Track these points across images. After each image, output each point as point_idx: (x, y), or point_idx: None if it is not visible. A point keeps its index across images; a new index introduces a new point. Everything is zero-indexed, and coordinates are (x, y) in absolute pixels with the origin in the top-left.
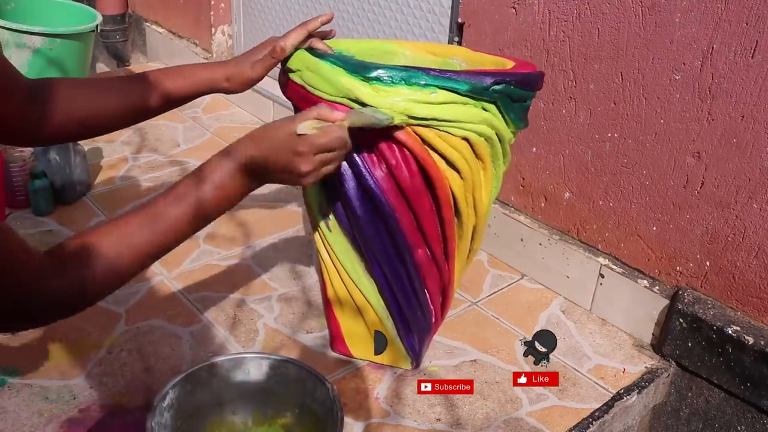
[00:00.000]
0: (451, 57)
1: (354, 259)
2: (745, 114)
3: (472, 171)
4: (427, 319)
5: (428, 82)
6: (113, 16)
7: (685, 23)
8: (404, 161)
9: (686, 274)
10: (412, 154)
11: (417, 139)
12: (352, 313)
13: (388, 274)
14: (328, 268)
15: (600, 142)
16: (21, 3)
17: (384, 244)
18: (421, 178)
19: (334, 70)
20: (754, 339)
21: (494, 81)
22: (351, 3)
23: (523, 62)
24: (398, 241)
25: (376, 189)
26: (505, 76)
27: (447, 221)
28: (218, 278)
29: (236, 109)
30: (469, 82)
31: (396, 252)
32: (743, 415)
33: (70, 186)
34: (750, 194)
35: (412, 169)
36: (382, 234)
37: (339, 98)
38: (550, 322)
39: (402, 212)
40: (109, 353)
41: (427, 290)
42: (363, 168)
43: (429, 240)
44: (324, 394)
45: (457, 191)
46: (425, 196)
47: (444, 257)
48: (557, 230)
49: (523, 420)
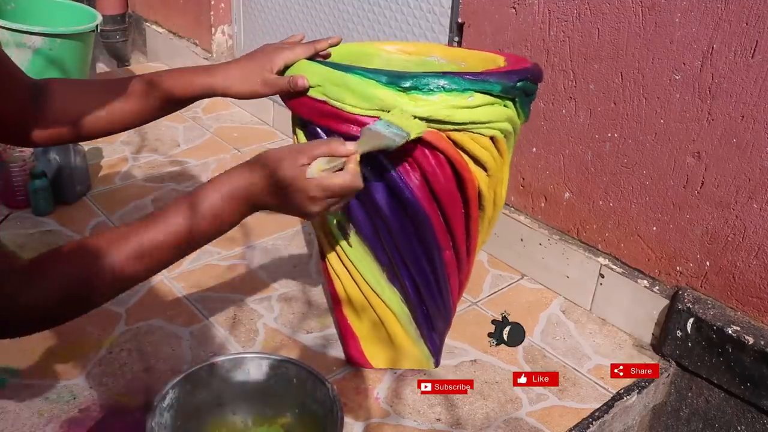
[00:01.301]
0: (428, 55)
1: (376, 271)
2: (745, 114)
3: (497, 166)
4: (449, 315)
5: (466, 87)
6: (113, 16)
7: (685, 23)
8: (439, 167)
9: (686, 274)
10: (447, 159)
11: (451, 144)
12: (372, 327)
13: (417, 278)
14: (346, 285)
15: (600, 142)
16: (21, 3)
17: (414, 250)
18: (454, 182)
19: (366, 83)
20: (754, 339)
21: (518, 78)
22: (351, 3)
23: (515, 57)
24: (429, 245)
25: (412, 198)
26: (525, 73)
27: (473, 219)
28: (218, 278)
29: (236, 109)
30: (500, 83)
31: (426, 255)
32: (743, 415)
33: (70, 186)
34: (750, 194)
35: (447, 174)
36: (413, 240)
37: (373, 111)
38: (550, 322)
39: (434, 216)
40: (109, 353)
41: (450, 288)
42: (399, 180)
43: (456, 240)
44: (324, 394)
45: (484, 188)
46: (457, 198)
47: (467, 255)
48: (557, 230)
49: (523, 420)
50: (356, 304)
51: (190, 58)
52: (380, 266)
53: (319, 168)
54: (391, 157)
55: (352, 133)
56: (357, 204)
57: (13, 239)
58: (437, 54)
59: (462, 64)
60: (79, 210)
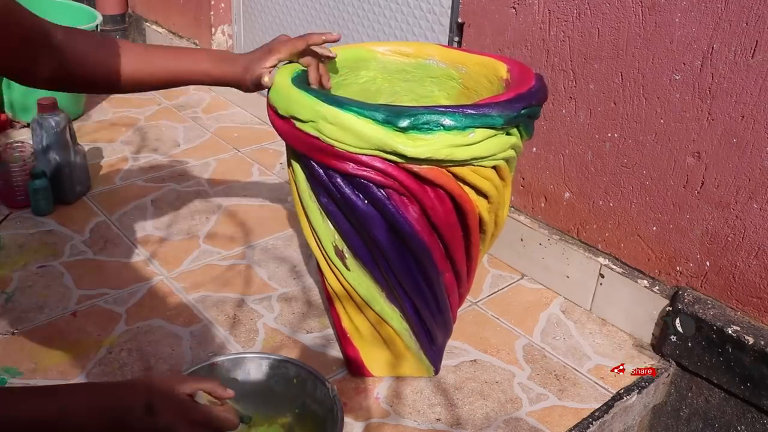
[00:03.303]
0: (426, 58)
1: (375, 292)
2: (745, 114)
3: (498, 194)
4: (449, 328)
5: (467, 125)
6: (113, 16)
7: (685, 23)
8: (438, 201)
9: (686, 274)
10: (447, 193)
11: (452, 177)
12: (375, 342)
13: (415, 300)
14: (345, 305)
15: (600, 142)
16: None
17: (413, 276)
18: (455, 214)
19: (361, 122)
20: (754, 339)
21: (523, 106)
22: (351, 3)
23: (518, 66)
24: (428, 271)
25: (411, 231)
26: (530, 98)
27: (474, 244)
28: (218, 278)
29: (236, 109)
30: (503, 115)
31: (425, 280)
32: (743, 415)
33: (70, 186)
34: (750, 194)
35: (447, 207)
36: (412, 267)
37: (370, 151)
38: (550, 322)
39: (434, 246)
40: (109, 353)
41: (450, 304)
42: (397, 214)
43: (457, 264)
44: (324, 394)
45: (485, 215)
46: (457, 228)
47: (467, 275)
48: (557, 230)
49: (523, 420)
50: (359, 326)
51: None
52: (379, 287)
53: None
54: (389, 192)
55: (349, 171)
56: (353, 231)
57: (13, 239)
58: (435, 57)
59: (462, 69)
60: (79, 210)
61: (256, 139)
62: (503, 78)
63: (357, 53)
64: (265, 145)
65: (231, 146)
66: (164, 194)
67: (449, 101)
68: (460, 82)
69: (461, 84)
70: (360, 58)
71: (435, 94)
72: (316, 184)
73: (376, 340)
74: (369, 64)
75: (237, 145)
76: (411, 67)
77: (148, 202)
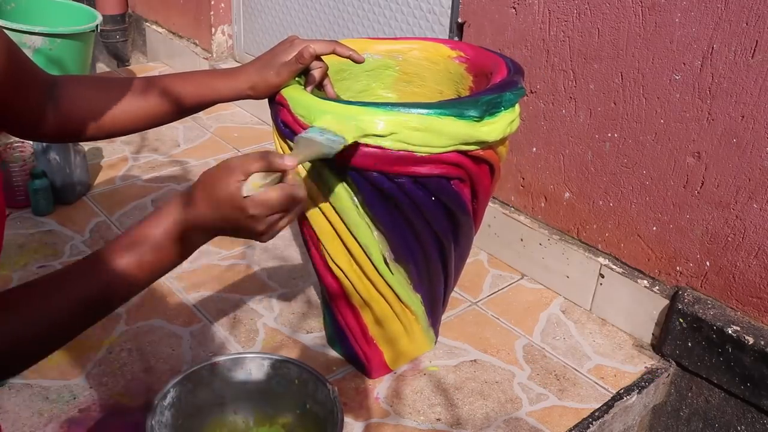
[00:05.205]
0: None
1: (408, 287)
2: (745, 114)
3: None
4: (448, 297)
5: (513, 101)
6: (113, 16)
7: (685, 23)
8: (484, 175)
9: (686, 274)
10: (489, 165)
11: (494, 151)
12: (395, 335)
13: (441, 279)
14: (375, 308)
15: (600, 142)
16: (21, 3)
17: (450, 258)
18: (490, 179)
19: (446, 122)
20: (754, 339)
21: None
22: (351, 3)
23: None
24: (464, 249)
25: (467, 212)
26: (521, 72)
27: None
28: (218, 278)
29: (236, 109)
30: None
31: (458, 259)
32: (743, 415)
33: (70, 186)
34: (750, 194)
35: (487, 177)
36: (453, 249)
37: (453, 147)
38: (550, 322)
39: (474, 218)
40: (109, 353)
41: None
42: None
43: (478, 216)
44: (325, 396)
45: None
46: (489, 188)
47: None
48: (557, 230)
49: (523, 420)
50: (386, 323)
51: (189, 58)
52: (410, 280)
53: (255, 185)
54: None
55: (424, 173)
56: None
57: (13, 239)
58: (368, 50)
59: (399, 57)
60: (79, 210)
61: (257, 138)
62: (452, 57)
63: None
64: (265, 145)
65: (231, 146)
66: (164, 194)
67: (385, 90)
68: (398, 70)
69: (399, 71)
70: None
71: (371, 86)
72: (374, 198)
73: (396, 334)
74: (354, 68)
75: (237, 145)
76: (347, 65)
77: (148, 202)
